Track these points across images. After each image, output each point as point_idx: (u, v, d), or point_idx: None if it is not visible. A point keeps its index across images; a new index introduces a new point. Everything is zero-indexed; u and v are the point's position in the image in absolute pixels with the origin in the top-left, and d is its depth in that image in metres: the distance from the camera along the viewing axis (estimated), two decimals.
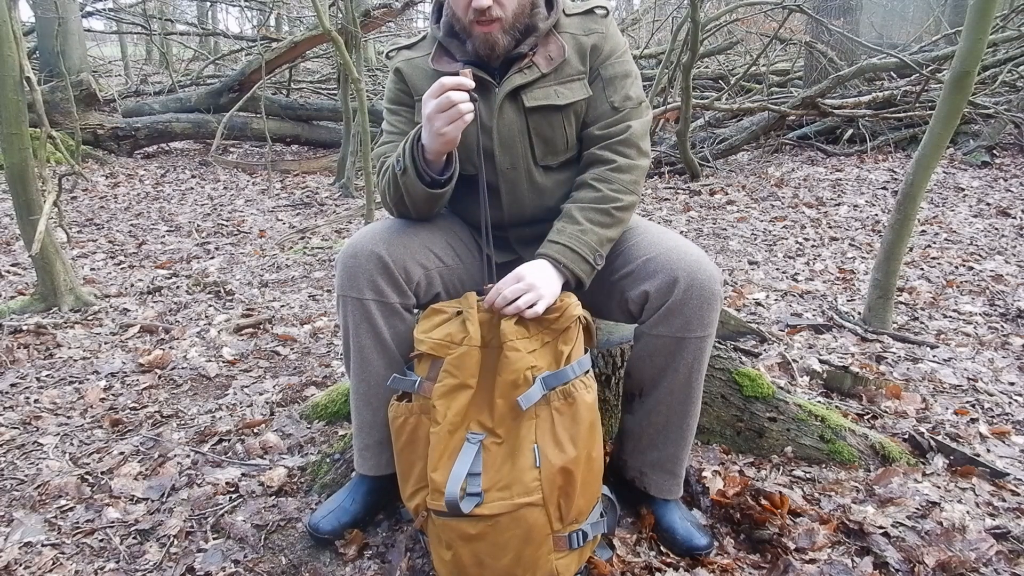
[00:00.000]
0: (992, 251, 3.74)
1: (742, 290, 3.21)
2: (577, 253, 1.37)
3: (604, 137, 1.46)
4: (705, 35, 5.96)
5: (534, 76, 1.43)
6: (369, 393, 1.47)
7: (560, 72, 1.45)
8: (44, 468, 1.83)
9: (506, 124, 1.45)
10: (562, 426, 1.28)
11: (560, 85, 1.45)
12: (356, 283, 1.39)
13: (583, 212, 1.41)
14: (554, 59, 1.44)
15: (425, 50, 1.52)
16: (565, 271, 1.36)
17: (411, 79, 1.52)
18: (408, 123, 1.53)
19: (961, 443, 1.87)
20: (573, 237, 1.38)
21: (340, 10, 5.89)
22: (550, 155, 1.49)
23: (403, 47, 1.58)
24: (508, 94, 1.44)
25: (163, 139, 7.48)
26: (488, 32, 1.38)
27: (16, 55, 2.70)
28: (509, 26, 1.40)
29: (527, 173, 1.49)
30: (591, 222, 1.40)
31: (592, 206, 1.41)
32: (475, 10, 1.35)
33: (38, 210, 2.82)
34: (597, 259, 1.39)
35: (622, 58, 1.48)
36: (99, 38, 12.74)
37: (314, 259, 3.97)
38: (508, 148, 1.47)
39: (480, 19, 1.36)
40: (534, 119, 1.45)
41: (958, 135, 6.01)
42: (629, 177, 1.44)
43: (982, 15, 2.30)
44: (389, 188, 1.44)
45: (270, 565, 1.47)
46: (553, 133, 1.47)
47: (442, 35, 1.48)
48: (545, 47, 1.45)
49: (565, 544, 1.29)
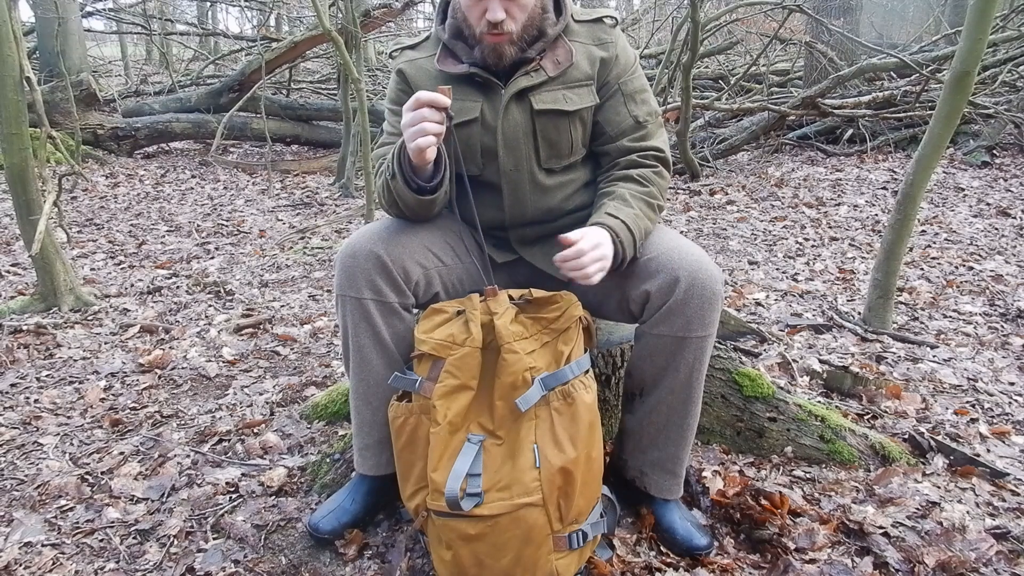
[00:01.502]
0: (992, 251, 3.74)
1: (742, 290, 3.21)
2: (632, 234, 1.37)
3: (637, 150, 1.49)
4: (705, 35, 5.96)
5: (540, 79, 1.44)
6: (368, 392, 1.47)
7: (567, 77, 1.46)
8: (44, 468, 1.83)
9: (511, 125, 1.46)
10: (561, 426, 1.28)
11: (568, 90, 1.46)
12: (354, 283, 1.39)
13: (635, 200, 1.43)
14: (561, 63, 1.45)
15: (429, 51, 1.52)
16: (619, 246, 1.35)
17: (414, 80, 1.52)
18: None
19: (961, 443, 1.87)
20: (630, 218, 1.38)
21: (340, 10, 5.89)
22: (554, 158, 1.50)
23: (407, 47, 1.58)
24: (514, 96, 1.44)
25: (163, 139, 7.47)
26: (498, 43, 1.39)
27: (16, 55, 2.70)
28: (518, 37, 1.41)
29: (530, 175, 1.49)
30: (641, 210, 1.42)
31: (642, 198, 1.44)
32: (488, 23, 1.36)
33: (38, 210, 2.82)
34: (640, 247, 1.40)
35: (637, 72, 1.52)
36: (99, 38, 12.73)
37: (314, 259, 3.97)
38: (512, 149, 1.47)
39: (492, 31, 1.37)
40: (541, 122, 1.46)
41: (958, 135, 6.01)
42: (664, 184, 1.50)
43: (982, 15, 2.30)
44: (384, 191, 1.45)
45: (270, 565, 1.47)
46: (559, 137, 1.48)
47: (447, 37, 1.48)
48: (553, 52, 1.46)
49: (565, 544, 1.29)
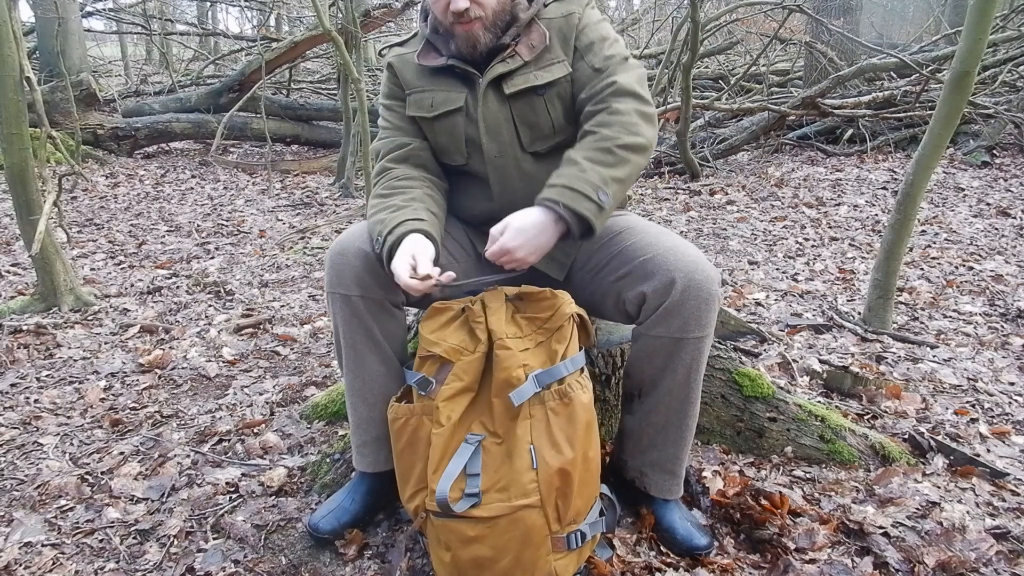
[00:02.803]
0: (992, 251, 3.74)
1: (742, 290, 3.20)
2: (576, 191, 1.28)
3: (592, 97, 1.42)
4: (705, 35, 5.96)
5: (516, 65, 1.45)
6: (365, 390, 1.47)
7: (541, 59, 1.47)
8: (44, 468, 1.83)
9: (491, 112, 1.47)
10: (558, 427, 1.28)
11: (540, 70, 1.46)
12: (343, 280, 1.40)
13: (581, 153, 1.34)
14: (536, 47, 1.46)
15: (415, 47, 1.56)
16: (565, 212, 1.27)
17: (401, 73, 1.56)
18: (401, 118, 1.56)
19: (961, 443, 1.87)
20: (572, 177, 1.30)
21: (340, 10, 5.89)
22: (537, 140, 1.50)
23: (395, 44, 1.63)
24: (491, 83, 1.46)
25: (163, 139, 7.47)
26: (469, 31, 1.41)
27: (16, 55, 2.70)
28: (490, 23, 1.43)
29: (515, 161, 1.50)
30: (591, 161, 1.32)
31: (591, 147, 1.34)
32: (453, 13, 1.39)
33: (38, 210, 2.82)
34: (601, 196, 1.29)
35: (597, 26, 1.48)
36: (99, 38, 12.73)
37: (314, 259, 3.98)
38: (495, 136, 1.48)
39: (460, 20, 1.40)
40: (517, 105, 1.47)
41: (958, 135, 6.01)
42: (628, 119, 1.36)
43: (982, 15, 2.30)
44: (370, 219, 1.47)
45: (270, 565, 1.47)
46: (537, 118, 1.48)
47: (428, 32, 1.52)
48: (528, 36, 1.47)
49: (563, 545, 1.29)
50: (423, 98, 1.52)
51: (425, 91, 1.52)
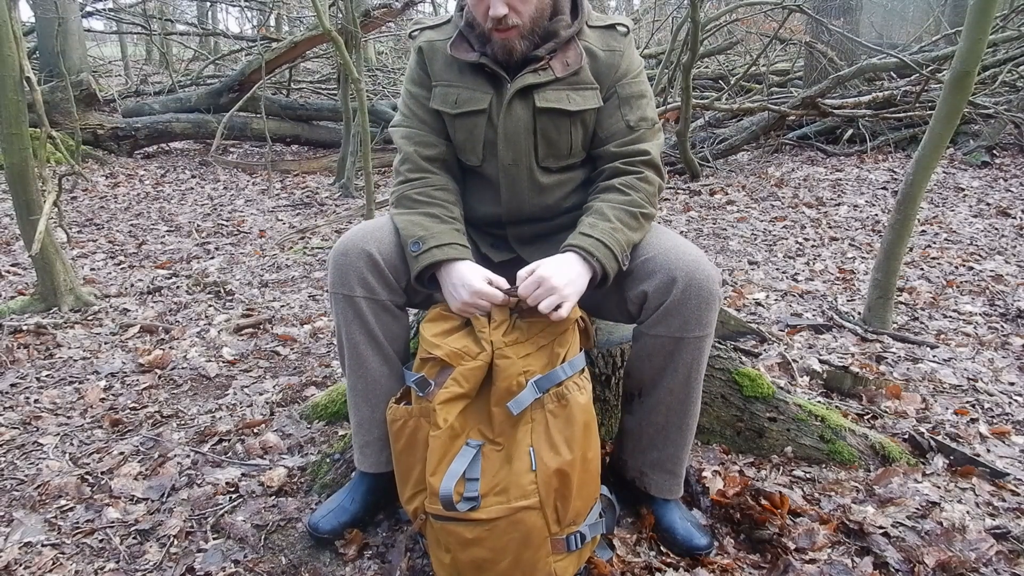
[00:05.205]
0: (992, 251, 3.74)
1: (742, 290, 3.20)
2: (609, 249, 1.35)
3: (623, 155, 1.47)
4: (705, 35, 5.95)
5: (546, 78, 1.44)
6: (367, 390, 1.47)
7: (574, 79, 1.46)
8: (44, 468, 1.83)
9: (513, 121, 1.46)
10: (556, 428, 1.28)
11: (573, 91, 1.46)
12: (346, 280, 1.40)
13: (614, 211, 1.41)
14: (571, 65, 1.45)
15: (447, 34, 1.52)
16: (596, 264, 1.34)
17: (431, 61, 1.52)
18: (423, 109, 1.53)
19: (961, 443, 1.87)
20: (606, 233, 1.37)
21: (340, 10, 5.89)
22: (552, 157, 1.50)
23: (427, 27, 1.58)
24: (519, 92, 1.44)
25: (163, 139, 7.47)
26: (506, 38, 1.40)
27: (16, 55, 2.69)
28: (528, 31, 1.41)
29: (528, 171, 1.50)
30: (621, 222, 1.40)
31: (622, 207, 1.42)
32: (492, 19, 1.37)
33: (38, 210, 2.82)
34: (624, 259, 1.38)
35: (638, 78, 1.50)
36: (99, 38, 12.73)
37: (314, 259, 3.98)
38: (512, 144, 1.47)
39: (498, 27, 1.38)
40: (543, 120, 1.46)
41: (958, 135, 6.01)
42: (651, 189, 1.46)
43: (982, 15, 2.30)
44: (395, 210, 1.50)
45: (270, 565, 1.47)
46: (559, 137, 1.48)
47: (463, 25, 1.49)
48: (564, 53, 1.46)
49: (563, 546, 1.29)
50: (448, 93, 1.50)
51: (452, 86, 1.50)
